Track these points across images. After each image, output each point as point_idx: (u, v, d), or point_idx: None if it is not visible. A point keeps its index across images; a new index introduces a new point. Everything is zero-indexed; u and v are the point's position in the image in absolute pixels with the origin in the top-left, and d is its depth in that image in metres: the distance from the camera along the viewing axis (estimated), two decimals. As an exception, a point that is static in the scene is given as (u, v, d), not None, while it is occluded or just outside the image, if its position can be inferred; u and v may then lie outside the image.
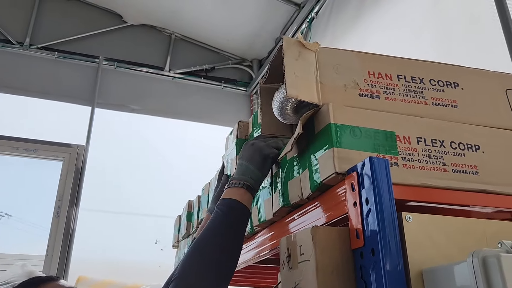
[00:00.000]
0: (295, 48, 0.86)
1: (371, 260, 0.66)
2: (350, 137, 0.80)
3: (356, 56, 0.90)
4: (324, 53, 0.88)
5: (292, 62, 0.84)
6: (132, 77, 3.94)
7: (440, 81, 0.92)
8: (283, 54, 0.84)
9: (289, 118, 0.90)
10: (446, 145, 0.87)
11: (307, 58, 0.86)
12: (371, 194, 0.68)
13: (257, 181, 0.99)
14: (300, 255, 0.75)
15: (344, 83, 0.86)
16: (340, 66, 0.87)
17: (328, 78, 0.86)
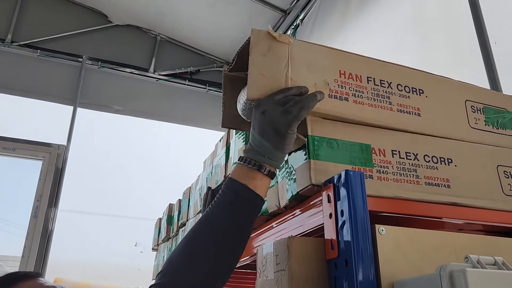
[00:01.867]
0: (264, 42, 0.81)
1: (344, 271, 0.68)
2: (327, 149, 0.82)
3: (329, 52, 0.88)
4: (297, 47, 0.84)
5: (259, 59, 0.80)
6: (116, 77, 3.91)
7: (407, 87, 0.92)
8: (250, 50, 0.80)
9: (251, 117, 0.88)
10: (420, 158, 0.89)
11: (278, 52, 0.82)
12: (346, 206, 0.70)
13: (278, 161, 0.78)
14: (276, 264, 0.76)
15: (315, 81, 0.83)
16: (312, 63, 0.84)
17: (299, 75, 0.82)
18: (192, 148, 4.02)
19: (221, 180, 1.26)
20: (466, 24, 1.63)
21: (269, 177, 0.77)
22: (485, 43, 1.52)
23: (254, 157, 0.77)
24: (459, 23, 1.73)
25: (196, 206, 1.63)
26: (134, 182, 3.78)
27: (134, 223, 3.58)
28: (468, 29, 1.60)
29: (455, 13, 1.74)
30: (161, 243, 2.23)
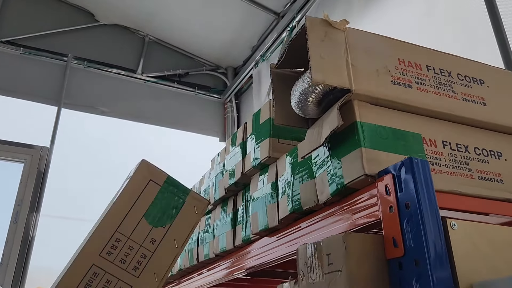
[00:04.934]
0: (320, 28, 0.78)
1: (414, 272, 0.59)
2: (377, 137, 0.74)
3: (386, 41, 0.84)
4: (353, 34, 0.81)
5: (318, 43, 0.76)
6: (102, 78, 3.77)
7: (467, 77, 0.87)
8: (307, 35, 0.75)
9: (308, 111, 0.82)
10: (471, 151, 0.82)
11: (335, 39, 0.78)
12: (413, 198, 0.62)
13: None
14: (328, 265, 0.67)
15: (376, 68, 0.78)
16: (371, 50, 0.80)
17: (359, 61, 0.78)
18: (180, 151, 3.90)
19: (239, 177, 1.16)
20: (480, 20, 1.60)
21: None
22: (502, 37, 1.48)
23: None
24: (472, 18, 1.70)
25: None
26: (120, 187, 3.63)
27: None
28: (482, 24, 1.57)
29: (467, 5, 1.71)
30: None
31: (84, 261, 0.73)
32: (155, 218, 0.77)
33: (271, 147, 1.02)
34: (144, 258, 0.75)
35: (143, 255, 0.75)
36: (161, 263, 0.76)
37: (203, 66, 4.24)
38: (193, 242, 1.52)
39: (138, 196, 0.79)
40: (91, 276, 0.72)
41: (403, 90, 0.79)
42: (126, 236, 0.76)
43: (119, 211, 0.77)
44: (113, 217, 0.77)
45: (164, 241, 0.77)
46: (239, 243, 1.19)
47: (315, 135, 0.80)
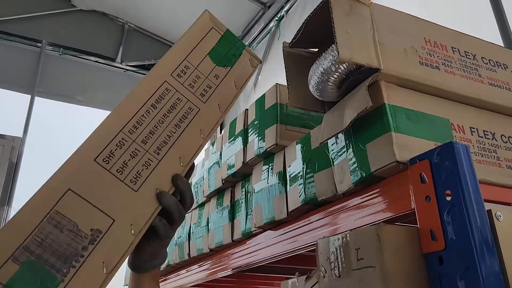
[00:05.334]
0: (345, 1, 0.71)
1: (458, 266, 0.54)
2: (407, 121, 0.68)
3: (411, 19, 0.78)
4: (379, 10, 0.74)
5: (343, 18, 0.69)
6: (79, 66, 3.62)
7: (491, 61, 0.83)
8: (331, 8, 0.68)
9: (327, 93, 0.75)
10: (498, 138, 0.78)
11: (360, 13, 0.72)
12: (456, 186, 0.56)
13: None
14: (357, 260, 0.61)
15: (403, 47, 0.73)
16: (397, 28, 0.74)
17: (386, 39, 0.71)
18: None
19: (239, 167, 1.09)
20: (477, 13, 1.58)
21: None
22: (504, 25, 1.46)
23: None
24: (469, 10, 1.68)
25: (192, 201, 1.46)
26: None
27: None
28: (480, 19, 1.55)
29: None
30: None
31: (157, 78, 0.75)
32: (219, 58, 0.83)
33: (279, 134, 0.95)
34: (210, 88, 0.79)
35: (209, 85, 0.79)
36: (223, 97, 0.80)
37: (185, 56, 4.12)
38: (184, 236, 1.45)
39: (201, 40, 0.82)
40: (163, 90, 0.74)
41: (432, 72, 0.73)
42: (193, 66, 0.79)
43: (185, 47, 0.81)
44: (179, 50, 0.80)
45: (226, 80, 0.81)
46: (238, 237, 1.12)
47: (335, 118, 0.74)
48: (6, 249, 0.56)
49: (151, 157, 0.69)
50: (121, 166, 0.66)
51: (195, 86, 0.77)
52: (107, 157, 0.66)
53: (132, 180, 0.66)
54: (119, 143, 0.67)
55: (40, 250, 0.57)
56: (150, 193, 0.67)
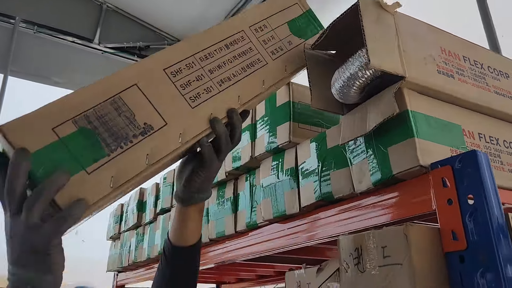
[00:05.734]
0: (373, 9, 0.74)
1: (479, 265, 0.59)
2: (426, 127, 0.73)
3: (429, 28, 0.82)
4: (401, 19, 0.78)
5: (372, 26, 0.72)
6: (55, 45, 3.50)
7: (495, 69, 0.88)
8: (361, 16, 0.72)
9: (349, 97, 0.78)
10: (501, 144, 0.84)
11: (386, 22, 0.75)
12: (479, 191, 0.61)
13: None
14: (383, 257, 0.66)
15: (423, 55, 0.76)
16: (417, 37, 0.78)
17: (409, 47, 0.75)
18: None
19: (246, 161, 1.12)
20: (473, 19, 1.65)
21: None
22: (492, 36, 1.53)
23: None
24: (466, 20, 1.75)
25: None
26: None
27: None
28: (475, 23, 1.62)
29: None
30: (126, 231, 2.01)
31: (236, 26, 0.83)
32: (296, 28, 0.90)
33: (292, 132, 0.98)
34: (281, 50, 0.86)
35: (280, 47, 0.86)
36: (291, 61, 0.86)
37: (165, 40, 4.07)
38: (180, 225, 1.46)
39: (283, 9, 0.90)
40: (239, 37, 0.82)
41: (448, 80, 0.78)
42: (271, 27, 0.87)
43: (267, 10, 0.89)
44: (261, 11, 0.88)
45: (298, 48, 0.88)
46: (241, 229, 1.15)
47: (357, 121, 0.78)
48: (69, 111, 0.62)
49: (213, 86, 0.75)
50: (185, 83, 0.72)
51: (268, 43, 0.84)
52: (175, 72, 0.73)
53: (191, 98, 0.72)
54: (189, 64, 0.74)
55: (97, 123, 0.63)
56: (204, 114, 0.72)
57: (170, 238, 0.83)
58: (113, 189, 0.61)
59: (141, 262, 1.82)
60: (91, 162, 0.60)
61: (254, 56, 0.82)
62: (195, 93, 0.72)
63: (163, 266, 0.83)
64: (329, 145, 0.88)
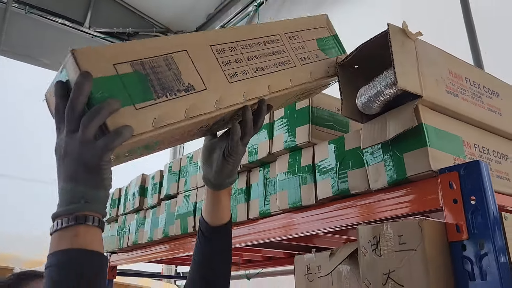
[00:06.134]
0: (399, 37, 0.87)
1: (478, 252, 0.74)
2: (436, 138, 0.87)
3: (440, 53, 0.95)
4: (419, 45, 0.91)
5: (398, 50, 0.85)
6: (45, 27, 3.48)
7: (489, 89, 1.03)
8: (390, 42, 0.84)
9: (371, 109, 0.91)
10: (491, 153, 1.00)
11: (408, 47, 0.88)
12: (480, 193, 0.76)
13: (99, 203, 0.65)
14: (399, 244, 0.80)
15: (435, 77, 0.90)
16: (431, 60, 0.91)
17: (425, 70, 0.88)
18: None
19: (263, 156, 1.24)
20: (454, 17, 1.82)
21: (97, 226, 0.63)
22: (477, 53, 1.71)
23: (68, 212, 0.61)
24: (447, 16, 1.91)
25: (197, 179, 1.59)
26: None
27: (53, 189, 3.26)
28: (456, 22, 1.79)
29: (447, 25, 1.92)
30: (125, 214, 2.10)
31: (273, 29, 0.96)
32: (323, 46, 1.03)
33: (310, 133, 1.10)
34: (309, 59, 0.97)
35: (308, 57, 0.98)
36: (316, 70, 0.98)
37: (154, 27, 4.09)
38: (189, 211, 1.57)
39: (314, 28, 1.04)
40: (275, 39, 0.96)
41: (453, 99, 0.92)
42: (302, 39, 0.99)
43: (301, 25, 1.02)
44: (296, 24, 1.01)
45: (322, 62, 1.00)
46: (254, 216, 1.28)
47: (377, 130, 0.91)
48: (129, 55, 0.71)
49: (249, 70, 0.86)
50: (226, 62, 0.83)
51: (298, 50, 0.96)
52: (219, 50, 0.84)
53: (229, 74, 0.82)
54: (231, 48, 0.86)
55: (150, 71, 0.72)
56: (238, 91, 0.82)
57: (206, 220, 0.94)
58: (153, 128, 0.68)
59: (141, 244, 1.91)
60: (140, 100, 0.68)
61: (285, 57, 0.94)
62: (233, 71, 0.83)
63: (202, 245, 0.94)
64: (347, 147, 1.02)
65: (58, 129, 0.65)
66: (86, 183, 0.63)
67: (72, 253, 0.60)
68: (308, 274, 1.13)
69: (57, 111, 0.65)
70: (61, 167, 0.64)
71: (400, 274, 0.79)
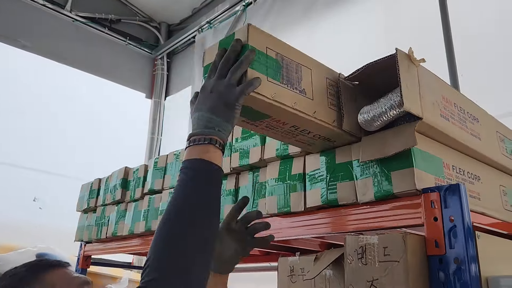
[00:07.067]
0: (405, 62, 0.93)
1: (453, 267, 0.83)
2: (421, 159, 0.96)
3: (435, 79, 1.03)
4: (420, 70, 0.97)
5: (405, 75, 0.91)
6: (25, 7, 3.39)
7: (471, 115, 1.12)
8: (398, 66, 0.91)
9: (372, 126, 0.98)
10: (465, 174, 1.09)
11: (412, 72, 0.94)
12: (459, 214, 0.85)
13: (226, 133, 0.84)
14: (384, 255, 0.88)
15: (432, 101, 0.97)
16: (429, 85, 0.98)
17: (424, 94, 0.95)
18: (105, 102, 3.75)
19: (255, 161, 1.30)
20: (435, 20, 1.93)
21: (220, 149, 0.83)
22: (455, 75, 1.82)
23: (203, 133, 0.82)
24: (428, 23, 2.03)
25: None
26: (34, 130, 3.37)
27: (34, 175, 3.22)
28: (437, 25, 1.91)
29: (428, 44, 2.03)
30: (104, 205, 2.11)
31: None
32: None
33: (304, 144, 1.17)
34: None
35: None
36: None
37: (136, 16, 4.06)
38: (174, 208, 1.62)
39: None
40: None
41: (445, 123, 1.00)
42: None
43: None
44: None
45: None
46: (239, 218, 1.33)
47: (376, 146, 0.98)
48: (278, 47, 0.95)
49: None
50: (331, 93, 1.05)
51: None
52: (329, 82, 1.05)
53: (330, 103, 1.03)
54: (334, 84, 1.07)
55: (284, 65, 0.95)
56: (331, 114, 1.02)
57: None
58: (271, 98, 0.89)
59: (121, 236, 1.94)
60: (271, 77, 0.90)
61: None
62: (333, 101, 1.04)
63: None
64: (337, 161, 1.09)
65: (208, 77, 0.89)
66: (222, 115, 0.83)
67: (202, 162, 0.79)
68: (291, 276, 1.21)
69: (214, 63, 0.89)
70: (205, 101, 0.85)
71: (383, 282, 0.87)
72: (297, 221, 1.17)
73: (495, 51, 1.84)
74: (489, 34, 1.89)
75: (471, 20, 1.92)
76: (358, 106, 1.05)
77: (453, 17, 1.98)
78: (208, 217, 0.76)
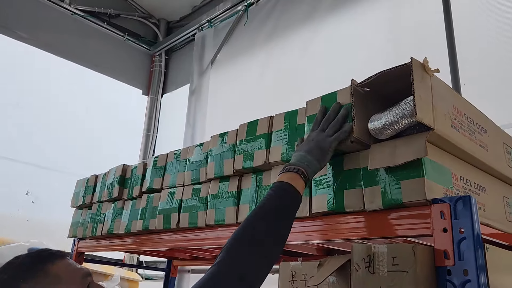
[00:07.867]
0: (419, 71, 0.92)
1: (462, 278, 0.83)
2: (431, 169, 0.95)
3: (447, 89, 1.02)
4: (434, 81, 0.96)
5: (418, 84, 0.90)
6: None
7: (480, 126, 1.12)
8: (413, 76, 0.89)
9: (383, 135, 0.98)
10: (472, 185, 1.09)
11: (426, 82, 0.93)
12: (469, 226, 0.85)
13: (313, 170, 1.02)
14: (392, 265, 0.88)
15: (444, 112, 0.96)
16: (441, 95, 0.97)
17: (437, 103, 0.94)
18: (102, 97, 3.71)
19: (259, 164, 1.29)
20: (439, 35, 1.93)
21: (303, 180, 1.01)
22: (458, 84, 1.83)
23: (295, 164, 1.03)
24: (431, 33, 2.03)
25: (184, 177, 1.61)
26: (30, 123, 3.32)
27: (26, 168, 3.17)
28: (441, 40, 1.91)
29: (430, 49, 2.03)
30: (101, 202, 2.09)
31: None
32: None
33: (310, 149, 1.16)
34: None
35: None
36: None
37: (136, 12, 4.02)
38: (173, 207, 1.60)
39: None
40: None
41: (456, 133, 1.00)
42: None
43: None
44: None
45: None
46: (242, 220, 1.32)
47: (385, 154, 0.97)
48: None
49: None
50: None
51: None
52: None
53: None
54: None
55: None
56: None
57: None
58: None
59: (117, 234, 1.91)
60: None
61: None
62: None
63: None
64: (345, 168, 1.08)
65: (312, 129, 1.11)
66: (314, 156, 1.03)
67: (289, 186, 0.98)
68: (293, 281, 1.20)
69: (316, 119, 1.12)
70: (305, 146, 1.06)
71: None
72: (300, 227, 1.16)
73: (499, 59, 1.85)
74: (495, 42, 1.90)
75: (476, 29, 1.93)
76: (369, 113, 1.04)
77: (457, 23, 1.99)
78: (284, 220, 0.96)
